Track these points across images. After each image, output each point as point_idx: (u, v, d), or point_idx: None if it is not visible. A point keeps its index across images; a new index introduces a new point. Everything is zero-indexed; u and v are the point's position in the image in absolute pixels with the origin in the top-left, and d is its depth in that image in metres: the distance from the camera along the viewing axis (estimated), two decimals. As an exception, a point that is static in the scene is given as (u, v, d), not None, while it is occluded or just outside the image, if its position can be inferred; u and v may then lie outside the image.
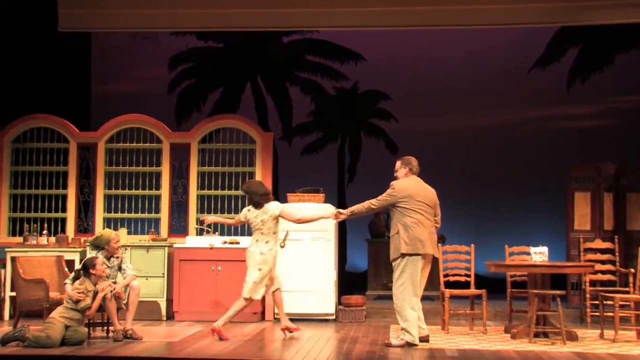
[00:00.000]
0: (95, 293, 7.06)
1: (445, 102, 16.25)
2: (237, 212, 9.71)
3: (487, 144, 16.17)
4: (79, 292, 6.98)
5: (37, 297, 7.55)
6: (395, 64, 16.00)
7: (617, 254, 8.77)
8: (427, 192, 7.15)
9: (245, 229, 9.68)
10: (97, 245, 7.46)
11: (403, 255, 6.93)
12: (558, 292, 7.50)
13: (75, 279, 7.16)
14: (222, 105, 16.09)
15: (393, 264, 7.05)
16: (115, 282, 7.38)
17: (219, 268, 8.87)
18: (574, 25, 9.91)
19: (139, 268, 8.48)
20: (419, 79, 16.00)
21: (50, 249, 9.07)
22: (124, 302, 7.36)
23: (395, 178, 7.22)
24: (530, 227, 14.50)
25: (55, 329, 6.79)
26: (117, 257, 7.49)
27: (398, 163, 7.30)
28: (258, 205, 7.46)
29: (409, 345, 6.88)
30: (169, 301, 9.02)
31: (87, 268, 7.14)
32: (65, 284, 7.28)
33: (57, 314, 6.95)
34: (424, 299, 7.42)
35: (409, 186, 7.09)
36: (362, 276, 12.05)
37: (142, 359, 6.32)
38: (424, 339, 7.08)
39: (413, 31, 12.39)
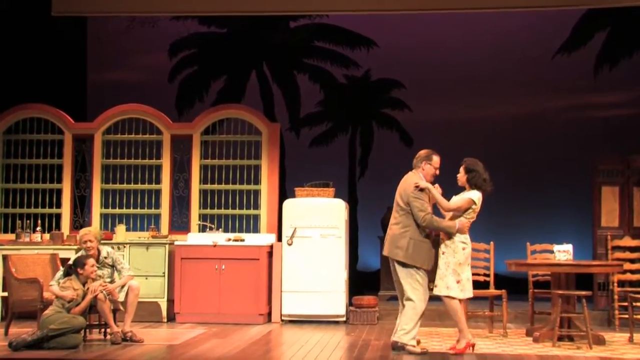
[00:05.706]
0: (85, 293, 7.09)
1: (462, 91, 16.15)
2: (241, 207, 9.74)
3: (507, 134, 16.09)
4: (61, 286, 7.04)
5: (31, 297, 7.58)
6: (410, 51, 15.91)
7: (647, 252, 8.73)
8: (399, 187, 6.93)
9: (250, 226, 9.68)
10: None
11: None
12: (584, 292, 7.46)
13: (66, 274, 7.20)
14: (225, 94, 16.06)
15: None
16: (112, 282, 7.40)
17: (223, 267, 8.87)
18: (602, 7, 9.81)
19: (138, 267, 8.51)
20: (434, 66, 15.90)
21: (44, 246, 9.10)
22: (120, 301, 7.36)
23: None
24: (553, 224, 14.44)
25: (66, 315, 6.91)
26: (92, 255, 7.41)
27: None
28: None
29: None
30: (170, 302, 9.04)
31: (76, 267, 7.18)
32: (50, 285, 7.27)
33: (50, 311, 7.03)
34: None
35: None
36: (374, 276, 12.06)
37: (142, 363, 6.34)
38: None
39: (429, 15, 12.34)
